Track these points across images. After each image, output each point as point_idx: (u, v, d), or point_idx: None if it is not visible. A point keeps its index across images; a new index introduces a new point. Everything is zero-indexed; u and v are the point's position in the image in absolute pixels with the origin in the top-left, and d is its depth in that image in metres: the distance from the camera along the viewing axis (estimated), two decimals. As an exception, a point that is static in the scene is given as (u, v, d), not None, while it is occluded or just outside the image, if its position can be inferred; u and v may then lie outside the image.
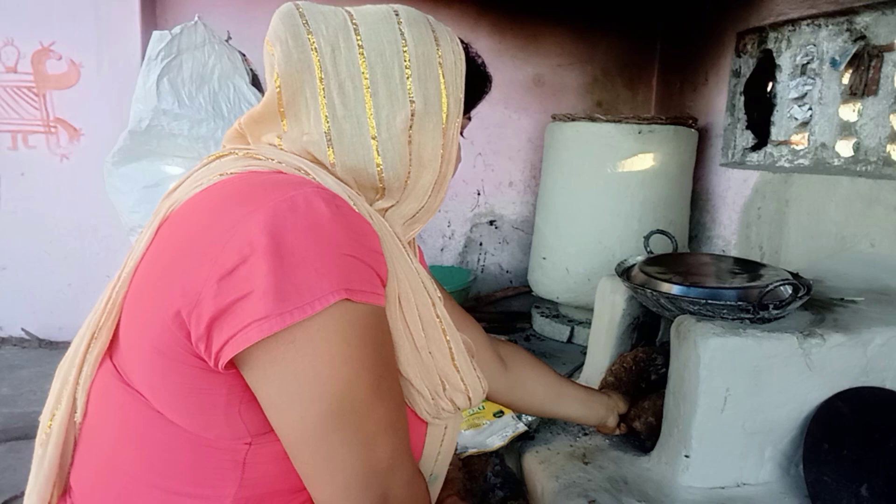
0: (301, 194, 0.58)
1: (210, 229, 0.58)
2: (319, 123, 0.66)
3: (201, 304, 0.55)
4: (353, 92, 0.66)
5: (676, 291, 1.39)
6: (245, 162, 0.66)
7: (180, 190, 0.68)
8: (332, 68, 0.65)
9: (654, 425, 1.44)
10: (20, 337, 2.63)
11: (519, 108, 3.17)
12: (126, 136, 2.36)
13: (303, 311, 0.54)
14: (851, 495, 1.19)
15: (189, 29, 2.48)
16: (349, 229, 0.59)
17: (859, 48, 2.08)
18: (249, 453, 0.61)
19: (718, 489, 1.29)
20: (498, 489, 1.50)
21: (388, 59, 0.67)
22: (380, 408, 0.60)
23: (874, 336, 1.30)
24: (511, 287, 3.29)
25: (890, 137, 2.00)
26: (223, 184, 0.64)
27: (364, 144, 0.67)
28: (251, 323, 0.53)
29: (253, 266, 0.53)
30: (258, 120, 0.70)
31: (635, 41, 3.27)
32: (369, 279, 0.59)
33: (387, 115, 0.67)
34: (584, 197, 2.63)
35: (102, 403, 0.65)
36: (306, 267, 0.54)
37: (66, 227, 2.58)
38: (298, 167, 0.65)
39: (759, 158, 2.58)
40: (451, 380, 0.74)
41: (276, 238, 0.54)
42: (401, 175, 0.69)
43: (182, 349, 0.58)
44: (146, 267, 0.63)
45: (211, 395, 0.60)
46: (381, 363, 0.62)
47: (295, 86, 0.66)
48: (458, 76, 0.72)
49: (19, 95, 2.48)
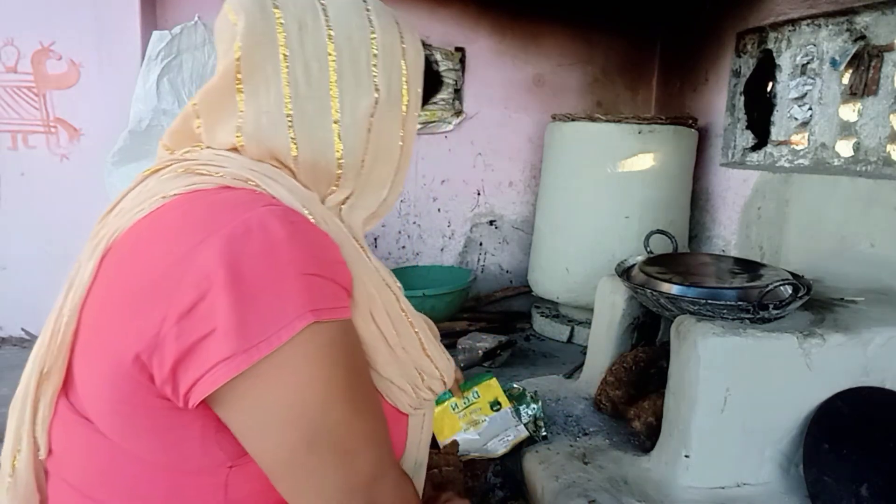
0: (254, 216, 0.55)
1: (160, 263, 0.55)
2: (280, 102, 0.63)
3: (162, 347, 0.52)
4: (319, 73, 0.64)
5: (676, 291, 1.39)
6: (187, 180, 0.62)
7: (117, 214, 0.64)
8: (298, 46, 0.63)
9: (654, 425, 1.45)
10: (20, 337, 2.63)
11: (519, 108, 3.17)
12: (126, 136, 2.36)
13: (269, 343, 0.52)
14: (851, 495, 1.19)
15: (189, 29, 2.48)
16: (308, 246, 0.56)
17: (859, 48, 2.08)
18: (230, 475, 0.60)
19: (718, 489, 1.29)
20: (498, 489, 1.50)
21: (356, 43, 0.66)
22: (357, 423, 0.59)
23: (874, 336, 1.30)
24: (511, 287, 3.29)
25: (890, 137, 2.00)
26: (168, 209, 0.60)
27: (325, 127, 0.65)
28: (217, 364, 0.51)
29: (212, 302, 0.51)
30: (214, 97, 0.66)
31: (635, 41, 3.27)
32: (334, 294, 0.58)
33: (351, 99, 0.66)
34: (584, 197, 2.63)
35: (67, 441, 0.63)
36: (268, 295, 0.52)
37: (66, 227, 2.57)
38: (246, 178, 0.61)
39: (759, 158, 2.58)
40: (426, 369, 0.73)
41: (233, 268, 0.52)
42: (358, 163, 0.68)
43: (147, 392, 0.55)
44: (94, 304, 0.60)
45: (183, 430, 0.57)
46: (353, 378, 0.60)
47: (255, 59, 0.63)
48: (419, 70, 0.72)
49: (19, 95, 2.48)
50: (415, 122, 0.74)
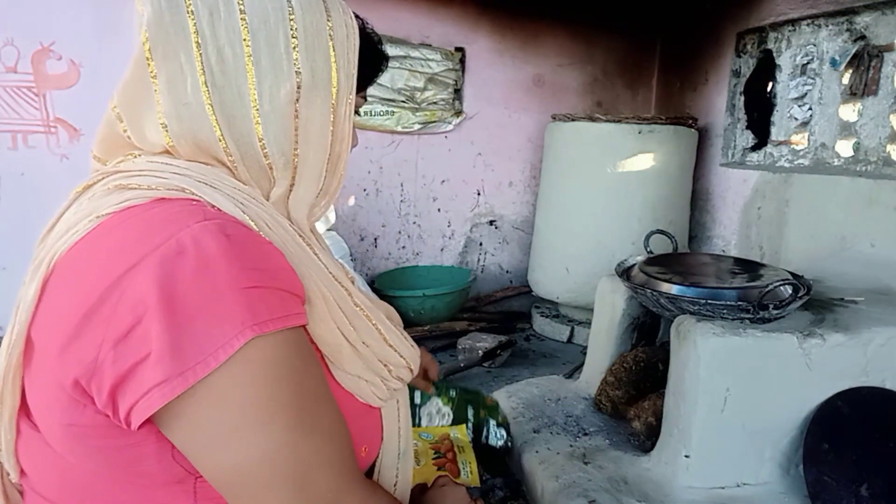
0: (187, 234, 0.53)
1: (96, 286, 0.53)
2: (199, 92, 0.61)
3: (101, 372, 0.52)
4: (233, 60, 0.61)
5: (676, 291, 1.39)
6: (119, 196, 0.60)
7: (56, 235, 0.62)
8: (209, 33, 0.61)
9: (654, 425, 1.45)
10: (20, 337, 2.63)
11: (519, 108, 3.17)
12: (126, 136, 2.36)
13: (206, 364, 0.50)
14: (851, 495, 1.19)
15: (189, 29, 2.48)
16: (245, 259, 0.54)
17: (859, 48, 2.08)
18: (198, 483, 0.59)
19: (718, 489, 1.29)
20: (498, 489, 1.50)
21: (273, 26, 0.62)
22: (305, 444, 0.57)
23: (874, 336, 1.30)
24: (511, 287, 3.29)
25: (890, 137, 2.00)
26: (102, 229, 0.58)
27: (245, 116, 0.62)
28: (151, 388, 0.50)
29: (147, 326, 0.50)
30: (129, 92, 0.64)
31: (635, 41, 3.27)
32: (280, 303, 0.56)
33: (270, 85, 0.62)
34: (584, 197, 2.63)
35: (36, 460, 0.63)
36: (204, 315, 0.51)
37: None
38: (181, 188, 0.59)
39: (759, 158, 2.58)
40: (391, 360, 0.72)
41: (166, 291, 0.50)
42: (286, 152, 0.65)
43: (93, 414, 0.55)
44: (39, 328, 0.59)
45: (138, 448, 0.57)
46: (301, 395, 0.57)
47: (166, 49, 0.60)
48: (351, 51, 0.68)
49: (19, 95, 2.48)
50: (349, 105, 0.69)
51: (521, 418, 1.66)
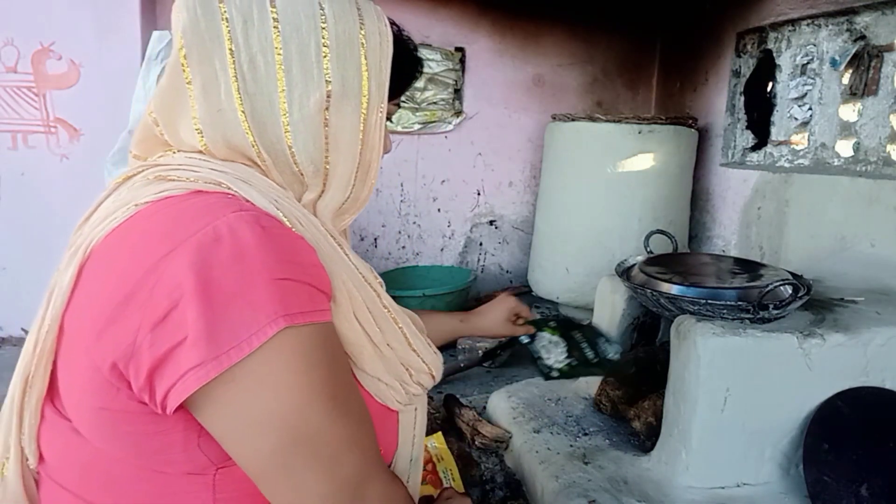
0: (223, 222, 0.55)
1: (134, 272, 0.54)
2: (232, 98, 0.62)
3: (138, 356, 0.53)
4: (265, 68, 0.62)
5: (676, 291, 1.39)
6: (158, 187, 0.61)
7: (93, 223, 0.64)
8: (243, 41, 0.61)
9: (654, 425, 1.45)
10: (20, 337, 2.63)
11: (519, 108, 3.17)
12: (126, 136, 2.35)
13: (240, 350, 0.51)
14: (851, 495, 1.19)
15: (189, 29, 2.48)
16: (279, 251, 0.56)
17: (859, 48, 2.08)
18: (218, 476, 0.60)
19: (718, 489, 1.29)
20: (498, 489, 1.50)
21: (305, 34, 0.62)
22: (338, 427, 0.59)
23: (874, 336, 1.30)
24: (511, 287, 3.29)
25: (890, 137, 2.00)
26: (140, 217, 0.60)
27: (275, 124, 0.63)
28: (188, 371, 0.51)
29: (184, 310, 0.51)
30: (166, 97, 0.65)
31: (635, 41, 3.26)
32: (309, 298, 0.57)
33: (299, 94, 0.63)
34: (584, 197, 2.63)
35: (57, 446, 0.63)
36: (238, 302, 0.52)
37: (66, 227, 2.56)
38: (217, 181, 0.60)
39: (759, 158, 2.58)
40: (413, 364, 0.72)
41: (202, 276, 0.52)
42: (315, 159, 0.66)
43: (126, 399, 0.56)
44: (74, 313, 0.60)
45: (166, 436, 0.58)
46: (332, 382, 0.59)
47: (201, 56, 0.61)
48: (384, 59, 0.68)
49: (19, 95, 2.47)
50: (380, 114, 0.70)
51: (521, 418, 1.66)
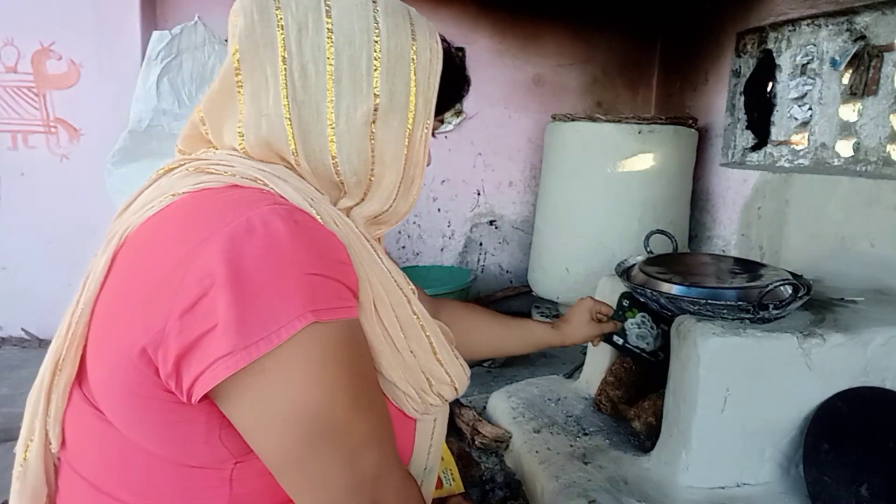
0: (257, 214, 0.55)
1: (167, 259, 0.55)
2: (279, 105, 0.63)
3: (167, 342, 0.53)
4: (316, 77, 0.63)
5: (676, 291, 1.39)
6: (196, 179, 0.63)
7: (131, 211, 0.65)
8: (296, 49, 0.62)
9: (654, 425, 1.45)
10: (20, 337, 2.63)
11: (519, 108, 3.17)
12: (126, 136, 2.36)
13: (269, 341, 0.52)
14: (851, 495, 1.19)
15: (189, 29, 2.48)
16: (311, 246, 0.56)
17: (859, 48, 2.08)
18: (235, 471, 0.60)
19: (718, 489, 1.29)
20: (498, 489, 1.50)
21: (357, 47, 0.63)
22: (360, 422, 0.59)
23: (874, 336, 1.30)
24: (511, 287, 3.29)
25: (890, 137, 2.00)
26: (176, 206, 0.61)
27: (320, 133, 0.64)
28: (217, 360, 0.51)
29: (214, 298, 0.52)
30: (216, 99, 0.66)
31: (635, 41, 3.26)
32: (337, 294, 0.57)
33: (347, 105, 0.64)
34: (584, 197, 2.63)
35: (79, 432, 0.64)
36: (268, 293, 0.52)
37: (66, 227, 2.58)
38: (254, 177, 0.61)
39: (759, 158, 2.58)
40: (436, 374, 0.72)
41: (234, 266, 0.52)
42: (359, 171, 0.66)
43: (153, 386, 0.56)
44: (106, 298, 0.61)
45: (188, 426, 0.58)
46: (357, 378, 0.60)
47: (254, 61, 0.62)
48: (433, 75, 0.68)
49: (19, 95, 2.48)
50: (425, 130, 0.70)
51: (521, 418, 1.66)
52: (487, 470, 1.57)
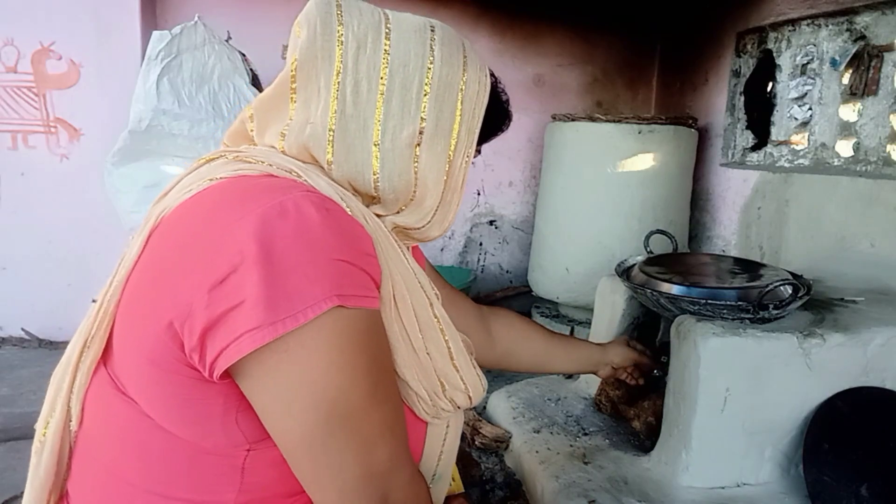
0: (290, 199, 0.57)
1: (199, 237, 0.57)
2: (326, 116, 0.65)
3: (193, 315, 0.54)
4: (367, 94, 0.65)
5: (676, 291, 1.39)
6: (235, 166, 0.65)
7: (170, 195, 0.67)
8: (352, 64, 0.65)
9: (654, 425, 1.45)
10: (20, 337, 2.63)
11: (519, 108, 3.15)
12: (126, 136, 2.36)
13: (295, 319, 0.53)
14: (851, 495, 1.19)
15: (189, 29, 2.48)
16: (340, 233, 0.58)
17: (859, 48, 2.08)
18: (248, 459, 0.61)
19: (718, 489, 1.29)
20: (498, 489, 1.50)
21: (411, 71, 0.66)
22: (377, 412, 0.60)
23: (874, 336, 1.30)
24: (511, 287, 3.29)
25: (890, 137, 2.00)
26: (212, 189, 0.63)
27: (364, 149, 0.66)
28: (243, 333, 0.53)
29: (243, 275, 0.53)
30: (268, 103, 0.69)
31: (635, 41, 3.26)
32: (362, 283, 0.59)
33: (394, 125, 0.66)
34: (584, 197, 2.63)
35: (99, 411, 0.65)
36: (297, 274, 0.54)
37: (66, 227, 2.58)
38: (290, 169, 0.64)
39: (759, 158, 2.58)
40: (450, 380, 0.73)
41: (265, 245, 0.54)
42: (398, 189, 0.68)
43: (176, 360, 0.57)
44: (138, 275, 0.63)
45: (206, 405, 0.59)
46: (376, 367, 0.61)
47: (310, 72, 0.65)
48: (478, 107, 0.71)
49: (19, 95, 2.48)
50: (466, 158, 0.73)
51: (521, 418, 1.66)
52: (487, 470, 1.57)
